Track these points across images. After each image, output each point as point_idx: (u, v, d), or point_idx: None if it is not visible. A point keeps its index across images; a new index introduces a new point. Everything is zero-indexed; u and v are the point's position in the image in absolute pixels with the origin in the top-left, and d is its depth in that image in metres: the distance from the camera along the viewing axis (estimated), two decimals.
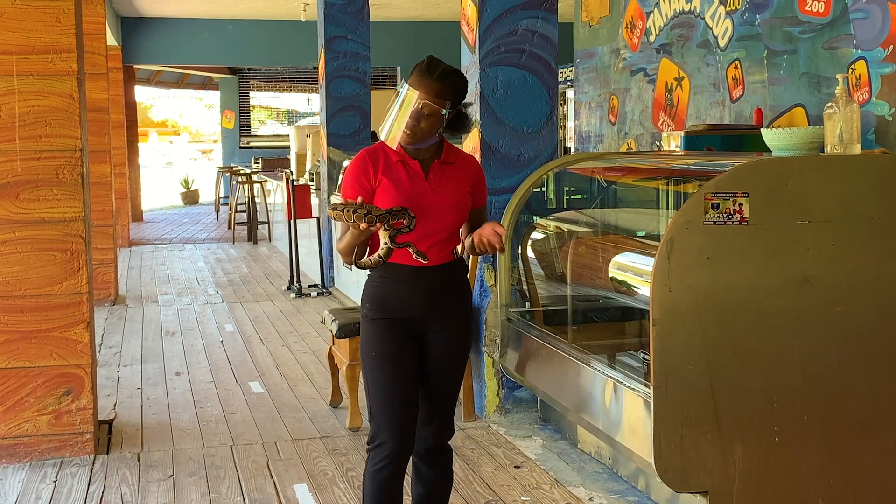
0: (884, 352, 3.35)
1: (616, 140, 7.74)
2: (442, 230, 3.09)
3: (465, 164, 3.19)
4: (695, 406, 3.25)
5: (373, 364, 3.10)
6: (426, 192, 3.07)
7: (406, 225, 2.95)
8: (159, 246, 13.64)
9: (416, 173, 3.09)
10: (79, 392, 4.64)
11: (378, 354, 3.08)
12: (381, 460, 3.07)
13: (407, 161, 3.10)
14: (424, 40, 15.88)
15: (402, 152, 3.10)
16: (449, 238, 3.13)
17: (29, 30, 4.52)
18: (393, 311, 3.09)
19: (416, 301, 3.09)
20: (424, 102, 3.01)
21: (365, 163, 3.09)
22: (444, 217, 3.08)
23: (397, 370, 3.07)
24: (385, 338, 3.08)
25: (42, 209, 4.56)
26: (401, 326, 3.09)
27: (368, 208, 2.92)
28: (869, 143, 4.78)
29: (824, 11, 5.22)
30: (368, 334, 3.13)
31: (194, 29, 15.90)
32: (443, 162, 3.13)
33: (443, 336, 3.14)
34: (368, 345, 3.12)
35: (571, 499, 4.05)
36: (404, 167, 3.09)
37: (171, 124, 41.82)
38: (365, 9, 9.30)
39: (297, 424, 5.14)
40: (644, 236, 4.66)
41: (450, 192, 3.10)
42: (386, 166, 3.08)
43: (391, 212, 2.94)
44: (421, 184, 3.08)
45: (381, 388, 3.07)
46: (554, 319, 4.78)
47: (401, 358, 3.09)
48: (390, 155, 3.10)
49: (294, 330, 7.62)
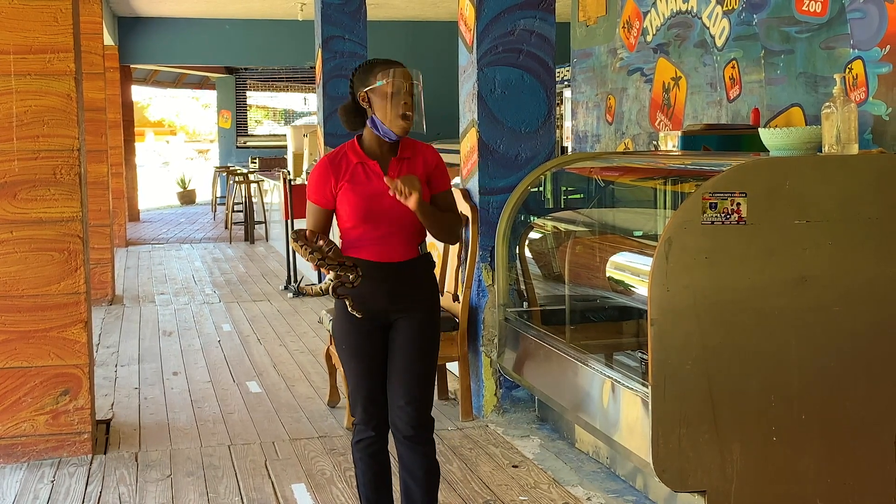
0: (881, 351, 3.36)
1: (613, 140, 7.75)
2: (403, 227, 3.18)
3: (421, 155, 3.26)
4: (693, 406, 3.26)
5: (344, 355, 3.31)
6: (384, 193, 3.14)
7: (351, 281, 3.05)
8: (156, 246, 13.63)
9: (375, 174, 3.18)
10: (76, 392, 4.64)
11: (347, 347, 3.28)
12: (364, 437, 3.31)
13: (366, 162, 3.18)
14: (421, 40, 15.88)
15: (361, 153, 3.19)
16: (412, 234, 3.21)
17: (26, 29, 4.51)
18: (362, 305, 3.16)
19: (380, 296, 3.19)
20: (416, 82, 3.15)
21: (326, 171, 3.19)
22: (402, 214, 3.14)
23: (364, 362, 3.26)
24: (352, 331, 3.24)
25: (39, 209, 4.56)
26: (368, 320, 3.20)
27: (324, 253, 3.04)
28: (866, 143, 4.79)
29: (821, 11, 5.23)
30: (338, 327, 3.30)
31: (191, 28, 15.88)
32: (400, 158, 3.21)
33: (407, 326, 3.24)
34: (339, 337, 3.31)
35: (569, 498, 4.05)
36: (363, 169, 3.18)
37: (168, 124, 41.76)
38: (362, 8, 9.29)
39: (294, 424, 5.14)
40: (642, 236, 4.66)
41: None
42: (346, 171, 3.17)
43: (342, 265, 3.05)
44: (380, 183, 3.14)
45: (353, 375, 3.29)
46: (552, 319, 4.79)
47: (366, 350, 3.25)
48: (350, 157, 3.19)
49: (291, 330, 7.62)
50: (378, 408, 3.29)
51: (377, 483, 3.34)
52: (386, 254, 3.17)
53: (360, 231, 3.18)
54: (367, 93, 3.16)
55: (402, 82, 3.14)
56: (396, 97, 3.12)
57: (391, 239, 3.18)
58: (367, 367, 3.26)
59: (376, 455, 3.33)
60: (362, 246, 3.20)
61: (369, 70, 3.18)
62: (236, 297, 9.21)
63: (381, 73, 3.14)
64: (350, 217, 3.18)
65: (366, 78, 3.18)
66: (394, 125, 3.14)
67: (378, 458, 3.34)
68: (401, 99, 3.13)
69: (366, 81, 3.17)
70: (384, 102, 3.13)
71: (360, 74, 3.20)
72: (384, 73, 3.14)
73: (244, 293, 9.46)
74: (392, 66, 3.16)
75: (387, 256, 3.18)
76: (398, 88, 3.12)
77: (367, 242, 3.18)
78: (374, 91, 3.14)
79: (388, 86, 3.12)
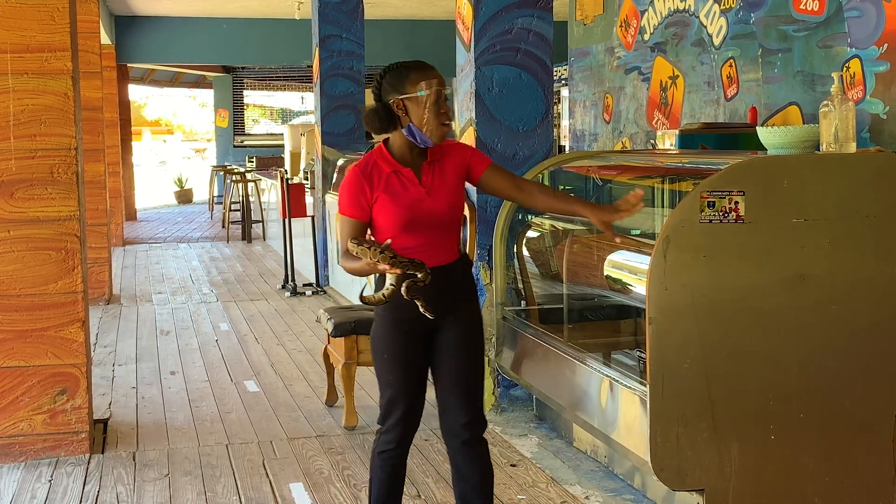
0: (880, 350, 3.36)
1: (611, 139, 7.75)
2: (443, 231, 3.13)
3: (452, 154, 3.18)
4: (691, 404, 3.26)
5: (385, 365, 3.20)
6: (422, 198, 3.08)
7: (421, 279, 2.90)
8: (153, 245, 13.62)
9: (410, 180, 3.10)
10: (74, 391, 4.63)
11: (390, 357, 3.18)
12: (390, 442, 3.22)
13: (400, 170, 3.11)
14: (419, 39, 15.88)
15: (393, 162, 3.11)
16: (452, 237, 3.17)
17: (23, 28, 4.51)
18: (404, 312, 3.08)
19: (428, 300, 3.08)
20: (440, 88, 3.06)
21: (360, 182, 3.09)
22: (442, 218, 3.11)
23: (408, 373, 3.18)
24: (394, 340, 3.17)
25: (37, 208, 4.55)
26: (410, 328, 3.14)
27: (393, 252, 2.87)
28: (863, 142, 4.79)
29: (819, 10, 5.23)
30: (379, 335, 3.21)
31: (188, 28, 15.87)
32: (431, 161, 3.13)
33: (454, 330, 3.18)
34: (380, 346, 3.21)
35: (567, 497, 4.05)
36: (398, 177, 3.10)
37: (165, 123, 41.72)
38: (359, 7, 9.29)
39: (292, 423, 5.13)
40: (639, 235, 4.66)
41: (444, 192, 3.12)
42: (380, 180, 3.09)
43: (413, 262, 2.89)
44: (416, 190, 3.09)
45: (392, 386, 3.20)
46: (549, 318, 4.78)
47: (411, 360, 3.18)
48: (382, 167, 3.10)
49: (289, 329, 7.61)
50: (414, 422, 3.23)
51: (393, 492, 3.30)
52: (429, 260, 3.01)
53: (401, 240, 3.05)
54: (404, 100, 3.05)
55: (442, 90, 3.06)
56: (436, 105, 3.04)
57: (433, 244, 3.10)
58: (408, 379, 3.19)
59: (399, 466, 3.28)
60: (405, 252, 3.03)
61: (404, 76, 3.07)
62: (234, 297, 9.20)
63: (419, 80, 3.04)
64: (391, 227, 3.08)
65: (400, 84, 3.07)
66: (434, 134, 3.06)
67: (400, 469, 3.29)
68: (440, 107, 3.05)
69: (400, 88, 3.06)
70: (423, 111, 3.04)
71: (393, 80, 3.08)
72: (425, 81, 3.04)
73: (241, 292, 9.45)
74: (427, 72, 3.07)
75: (430, 262, 3.01)
76: (438, 96, 3.05)
77: (408, 251, 3.02)
78: (413, 100, 3.04)
79: (432, 95, 3.03)
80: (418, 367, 3.20)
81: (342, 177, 9.17)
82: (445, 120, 3.06)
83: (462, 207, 3.22)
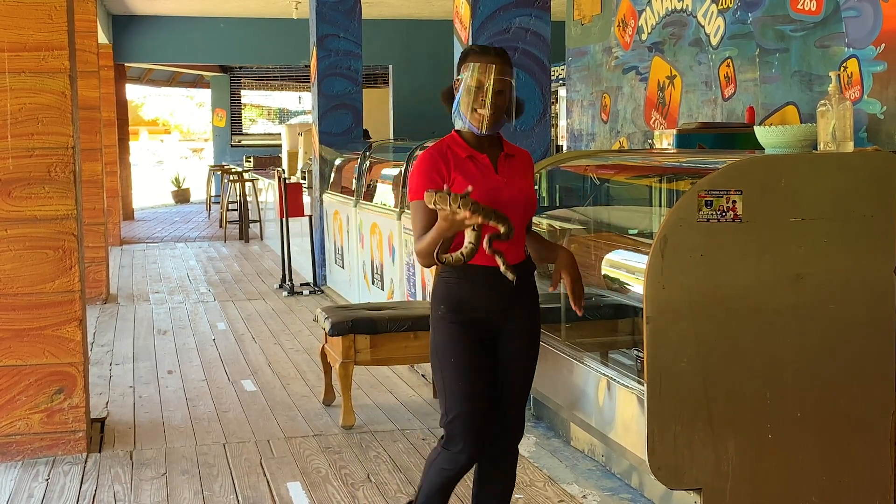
0: (876, 349, 3.36)
1: (608, 138, 7.75)
2: (517, 227, 2.98)
3: (523, 157, 3.13)
4: (688, 403, 3.25)
5: (452, 370, 3.04)
6: (501, 187, 2.97)
7: (504, 233, 2.79)
8: (150, 244, 13.62)
9: (486, 167, 3.00)
10: (71, 390, 4.63)
11: (457, 361, 3.03)
12: (455, 466, 3.07)
13: (475, 156, 3.00)
14: (417, 38, 15.88)
15: (468, 147, 3.00)
16: (523, 235, 3.07)
17: (21, 27, 4.50)
18: (469, 314, 3.00)
19: (494, 303, 3.03)
20: (500, 78, 2.93)
21: (435, 161, 2.98)
22: (518, 213, 2.99)
23: (477, 378, 3.04)
24: (463, 343, 3.02)
25: (34, 207, 4.55)
26: (477, 330, 3.03)
27: (474, 201, 2.74)
28: (861, 141, 4.79)
29: (816, 10, 5.24)
30: (445, 338, 3.05)
31: (186, 27, 15.87)
32: (507, 155, 3.06)
33: (516, 336, 3.10)
34: (445, 350, 3.05)
35: (565, 496, 4.05)
36: (474, 162, 2.99)
37: (162, 123, 41.67)
38: (357, 7, 9.29)
39: (289, 422, 5.13)
40: (637, 234, 4.66)
41: (520, 186, 3.03)
42: (456, 163, 2.98)
43: (496, 212, 2.78)
44: (493, 178, 2.98)
45: (462, 396, 3.03)
46: (547, 317, 4.76)
47: (479, 365, 3.05)
48: (458, 151, 3.00)
49: (286, 328, 7.61)
50: (485, 434, 3.07)
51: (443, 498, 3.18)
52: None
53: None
54: (457, 82, 3.02)
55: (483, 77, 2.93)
56: (472, 91, 2.94)
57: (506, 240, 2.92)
58: (475, 387, 3.03)
59: (457, 479, 3.14)
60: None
61: (463, 58, 3.02)
62: (231, 296, 9.20)
63: (468, 62, 2.97)
64: None
65: (459, 66, 3.02)
66: (471, 119, 2.96)
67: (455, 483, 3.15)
68: (477, 94, 2.94)
69: (459, 70, 3.02)
70: (462, 95, 2.97)
71: (460, 61, 3.04)
72: (472, 65, 2.95)
73: (239, 292, 9.45)
74: (479, 56, 2.97)
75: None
76: (477, 82, 2.93)
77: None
78: (459, 82, 2.99)
79: (471, 80, 2.94)
80: (486, 372, 3.06)
81: (340, 176, 9.18)
82: (478, 107, 2.94)
83: (534, 210, 3.12)
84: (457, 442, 3.04)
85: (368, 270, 7.69)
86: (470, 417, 3.03)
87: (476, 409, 3.03)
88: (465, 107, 2.96)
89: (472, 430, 3.03)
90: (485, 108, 2.93)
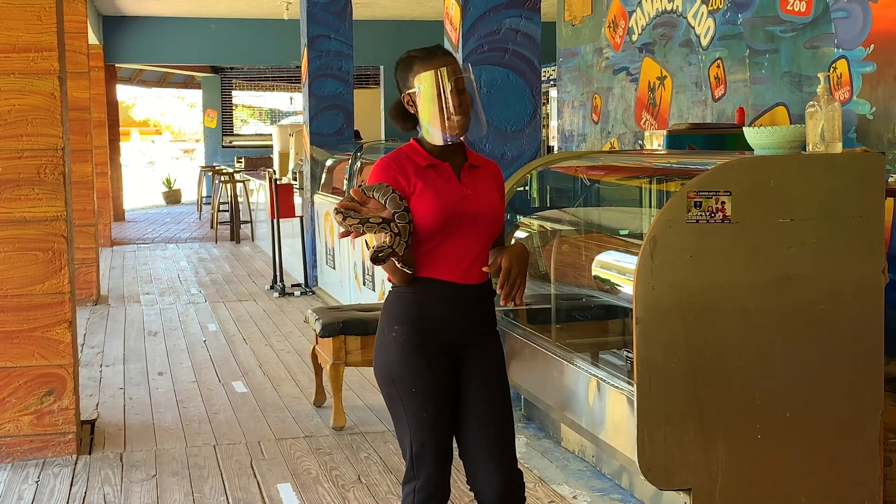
0: (865, 349, 3.37)
1: (599, 139, 7.76)
2: (481, 241, 2.75)
3: (489, 168, 2.86)
4: (678, 404, 3.26)
5: (414, 400, 2.73)
6: (465, 198, 2.72)
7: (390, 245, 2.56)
8: (141, 246, 13.59)
9: (449, 176, 2.74)
10: (61, 392, 4.62)
11: (419, 390, 2.72)
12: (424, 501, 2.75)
13: (437, 164, 2.74)
14: (407, 39, 15.84)
15: (429, 156, 2.74)
16: (486, 252, 2.78)
17: (10, 28, 4.49)
18: (431, 335, 2.73)
19: (459, 322, 2.75)
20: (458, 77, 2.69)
21: (390, 170, 2.71)
22: (483, 226, 2.74)
23: (441, 409, 2.75)
24: (426, 369, 2.72)
25: (23, 208, 4.54)
26: (439, 354, 2.74)
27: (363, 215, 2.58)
28: (850, 142, 4.81)
29: (806, 11, 5.25)
30: (404, 363, 2.72)
31: (176, 28, 15.85)
32: (471, 165, 2.79)
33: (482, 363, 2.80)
34: (405, 377, 2.73)
35: (555, 497, 4.05)
36: (435, 171, 2.73)
37: (153, 123, 41.59)
38: (348, 8, 9.29)
39: (280, 424, 5.13)
40: (627, 235, 4.67)
41: (485, 198, 2.76)
42: (416, 172, 2.71)
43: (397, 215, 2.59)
44: (458, 188, 2.73)
45: (426, 429, 2.73)
46: (537, 318, 4.79)
47: (443, 394, 2.75)
48: (417, 160, 2.73)
49: (277, 329, 7.60)
50: (448, 467, 2.78)
51: None
52: (466, 273, 2.72)
53: (435, 243, 2.69)
54: (411, 96, 2.74)
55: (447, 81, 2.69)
56: (439, 98, 2.68)
57: (470, 254, 2.72)
58: (439, 418, 2.74)
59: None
60: (436, 262, 2.71)
61: (409, 68, 2.74)
62: (222, 297, 9.19)
63: (421, 71, 2.71)
64: (429, 223, 2.67)
65: (406, 78, 2.75)
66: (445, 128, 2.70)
67: None
68: (447, 99, 2.68)
69: (407, 83, 2.74)
70: (428, 106, 2.71)
71: (401, 74, 2.78)
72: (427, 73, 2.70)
73: (230, 293, 9.44)
74: (431, 61, 2.71)
75: (468, 276, 2.73)
76: (440, 88, 2.69)
77: (442, 258, 2.71)
78: (418, 94, 2.72)
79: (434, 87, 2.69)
80: (449, 401, 2.76)
81: (331, 177, 9.17)
82: (454, 113, 2.68)
83: (502, 226, 2.84)
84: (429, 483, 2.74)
85: (359, 271, 7.69)
86: (437, 450, 2.75)
87: (443, 438, 2.76)
88: (436, 118, 2.70)
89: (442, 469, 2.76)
90: (459, 113, 2.70)
